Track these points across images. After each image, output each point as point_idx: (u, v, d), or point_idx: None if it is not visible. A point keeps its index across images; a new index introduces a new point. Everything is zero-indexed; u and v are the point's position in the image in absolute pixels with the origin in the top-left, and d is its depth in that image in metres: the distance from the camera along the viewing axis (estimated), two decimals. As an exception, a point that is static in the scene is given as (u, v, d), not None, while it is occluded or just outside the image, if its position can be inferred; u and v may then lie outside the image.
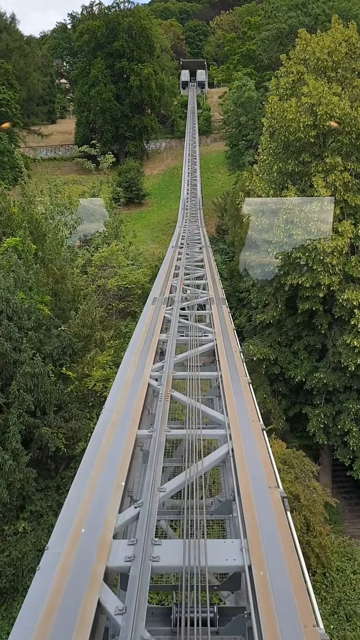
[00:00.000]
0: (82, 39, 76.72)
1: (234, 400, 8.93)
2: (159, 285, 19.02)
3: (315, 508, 23.00)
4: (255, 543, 5.28)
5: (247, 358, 27.60)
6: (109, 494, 6.10)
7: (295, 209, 26.72)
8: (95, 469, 6.66)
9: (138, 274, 30.87)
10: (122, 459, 6.86)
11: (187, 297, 17.83)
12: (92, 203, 34.83)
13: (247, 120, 51.07)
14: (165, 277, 20.32)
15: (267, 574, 4.87)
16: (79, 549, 5.20)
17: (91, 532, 5.41)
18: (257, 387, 28.74)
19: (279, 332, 29.60)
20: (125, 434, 7.57)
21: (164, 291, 18.05)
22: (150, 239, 62.73)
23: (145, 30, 76.80)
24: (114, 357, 24.13)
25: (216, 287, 19.27)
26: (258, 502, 5.94)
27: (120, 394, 9.06)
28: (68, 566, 4.98)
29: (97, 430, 7.90)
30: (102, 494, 6.09)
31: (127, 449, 7.15)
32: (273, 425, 28.98)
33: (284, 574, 4.89)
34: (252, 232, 30.62)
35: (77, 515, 5.69)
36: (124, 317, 30.27)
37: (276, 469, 6.76)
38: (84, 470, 6.77)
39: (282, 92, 29.38)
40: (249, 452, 7.04)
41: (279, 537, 5.39)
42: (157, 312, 15.19)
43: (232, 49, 64.05)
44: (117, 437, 7.46)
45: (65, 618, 4.39)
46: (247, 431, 7.71)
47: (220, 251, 49.89)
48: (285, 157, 28.88)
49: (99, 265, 30.79)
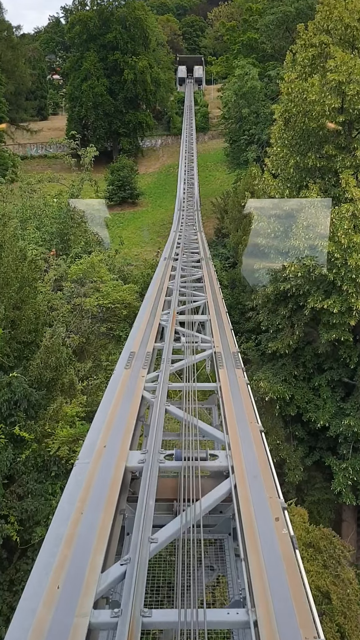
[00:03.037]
0: (74, 30, 69.80)
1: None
2: (140, 328, 12.67)
3: (351, 611, 16.76)
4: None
5: (256, 397, 21.29)
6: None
7: (319, 214, 20.32)
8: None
9: (123, 291, 24.44)
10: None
11: (181, 347, 11.49)
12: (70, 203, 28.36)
13: (249, 113, 44.49)
14: (151, 312, 13.95)
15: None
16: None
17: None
18: (268, 431, 22.38)
19: (295, 363, 23.24)
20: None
21: (146, 338, 11.72)
22: (144, 242, 56.60)
23: (140, 21, 69.92)
24: (87, 407, 17.78)
25: (223, 327, 12.88)
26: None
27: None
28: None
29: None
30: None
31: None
32: (288, 478, 22.70)
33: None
34: (260, 239, 24.15)
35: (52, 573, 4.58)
36: (104, 345, 23.84)
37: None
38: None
39: (299, 69, 22.87)
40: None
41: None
42: (130, 390, 8.84)
43: (232, 38, 57.26)
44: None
45: None
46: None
47: (219, 256, 43.63)
48: (304, 149, 22.46)
49: (75, 279, 24.35)
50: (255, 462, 6.53)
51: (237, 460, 6.50)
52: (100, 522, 5.29)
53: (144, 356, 10.56)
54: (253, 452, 6.83)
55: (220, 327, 12.47)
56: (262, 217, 23.23)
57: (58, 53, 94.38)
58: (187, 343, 11.25)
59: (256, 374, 23.81)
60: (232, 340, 11.55)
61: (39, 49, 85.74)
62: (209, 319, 13.50)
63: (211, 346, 11.18)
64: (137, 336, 11.75)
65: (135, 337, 11.75)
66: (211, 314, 13.90)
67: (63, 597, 4.38)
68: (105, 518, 5.36)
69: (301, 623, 4.19)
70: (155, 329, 12.37)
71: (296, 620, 4.21)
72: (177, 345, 11.99)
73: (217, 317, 13.72)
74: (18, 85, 68.18)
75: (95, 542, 5.01)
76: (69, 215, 27.70)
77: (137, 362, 10.26)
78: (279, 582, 4.59)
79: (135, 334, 12.03)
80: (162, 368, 9.70)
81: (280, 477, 23.04)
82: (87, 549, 4.91)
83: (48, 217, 27.44)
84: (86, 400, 18.16)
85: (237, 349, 11.18)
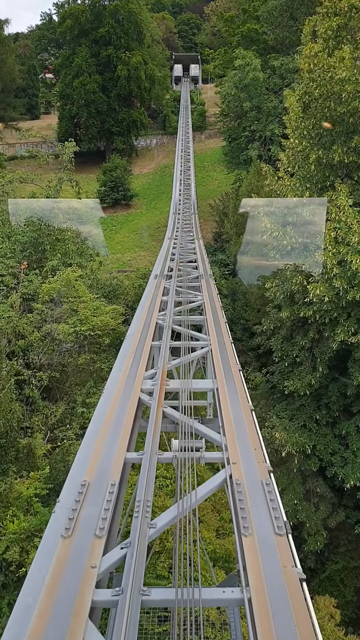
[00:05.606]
0: (65, 24, 64.52)
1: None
2: (115, 391, 7.97)
3: None
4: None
5: (269, 448, 16.39)
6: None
7: (353, 223, 15.37)
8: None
9: (106, 314, 19.45)
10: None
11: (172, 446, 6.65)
12: (46, 206, 23.33)
13: (251, 108, 39.42)
14: (128, 373, 8.98)
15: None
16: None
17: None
18: (284, 488, 17.49)
19: (317, 404, 18.29)
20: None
21: (124, 407, 7.21)
22: (138, 246, 51.64)
23: (134, 15, 64.72)
24: (48, 482, 12.81)
25: (241, 417, 7.90)
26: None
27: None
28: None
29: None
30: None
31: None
32: (307, 546, 17.79)
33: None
34: (272, 252, 19.22)
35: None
36: (82, 382, 18.86)
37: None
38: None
39: (321, 42, 17.87)
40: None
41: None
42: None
43: (230, 30, 52.03)
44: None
45: None
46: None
47: (218, 262, 38.77)
48: (327, 141, 17.47)
49: (48, 300, 19.37)
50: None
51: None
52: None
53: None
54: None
55: (237, 417, 7.43)
56: (275, 224, 18.25)
57: (50, 51, 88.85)
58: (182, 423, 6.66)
59: (268, 415, 18.86)
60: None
61: (31, 46, 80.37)
62: (216, 387, 8.52)
63: (217, 443, 6.86)
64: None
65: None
66: (218, 376, 8.91)
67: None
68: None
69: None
70: (131, 414, 7.43)
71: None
72: (168, 424, 8.14)
73: (228, 381, 8.73)
74: (6, 82, 62.91)
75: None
76: (44, 221, 22.67)
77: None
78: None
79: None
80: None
81: (298, 543, 18.15)
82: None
83: (18, 224, 22.36)
84: (50, 472, 13.19)
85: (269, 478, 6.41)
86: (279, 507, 5.50)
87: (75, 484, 5.86)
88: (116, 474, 6.03)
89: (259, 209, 20.21)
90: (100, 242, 30.73)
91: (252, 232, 23.90)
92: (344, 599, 19.24)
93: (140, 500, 5.46)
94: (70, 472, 6.29)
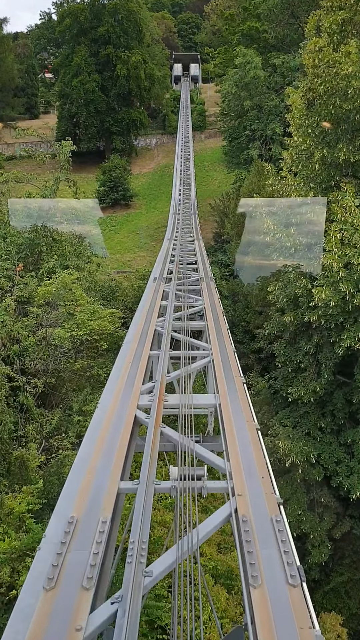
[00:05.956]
0: (64, 23, 63.75)
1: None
2: (109, 408, 7.39)
3: None
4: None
5: (272, 458, 15.72)
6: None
7: (359, 224, 14.69)
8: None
9: (104, 318, 18.76)
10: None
11: (171, 473, 5.93)
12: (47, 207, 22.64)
13: (252, 106, 38.71)
14: (124, 386, 8.32)
15: None
16: None
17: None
18: (287, 498, 16.83)
19: (322, 411, 17.61)
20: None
21: (119, 427, 6.56)
22: (138, 246, 50.97)
23: (133, 14, 63.98)
24: (42, 496, 12.14)
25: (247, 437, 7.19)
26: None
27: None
28: None
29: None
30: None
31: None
32: (312, 558, 17.13)
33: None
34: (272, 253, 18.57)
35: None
36: (79, 387, 18.19)
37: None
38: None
39: (325, 37, 17.17)
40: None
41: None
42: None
43: (230, 28, 51.32)
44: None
45: None
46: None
47: (219, 263, 38.07)
48: (332, 139, 16.79)
49: (43, 303, 18.70)
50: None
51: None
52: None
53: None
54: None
55: (242, 439, 6.75)
56: (277, 225, 17.56)
57: (50, 50, 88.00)
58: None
59: (271, 423, 18.19)
60: (271, 484, 5.89)
61: (30, 46, 79.56)
62: (218, 402, 7.84)
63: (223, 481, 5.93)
64: (89, 464, 6.10)
65: (86, 467, 6.10)
66: (220, 390, 8.22)
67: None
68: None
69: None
70: (126, 436, 6.75)
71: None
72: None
73: (231, 396, 8.05)
74: (5, 81, 62.18)
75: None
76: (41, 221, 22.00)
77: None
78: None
79: (90, 453, 6.39)
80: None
81: (302, 555, 17.49)
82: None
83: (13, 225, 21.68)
84: (44, 486, 12.52)
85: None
86: (291, 549, 4.83)
87: (62, 521, 5.18)
88: (108, 508, 5.35)
89: (260, 209, 19.51)
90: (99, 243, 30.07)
91: (254, 233, 23.23)
92: (349, 612, 18.58)
93: (135, 542, 4.79)
94: (58, 505, 5.63)
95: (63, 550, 4.74)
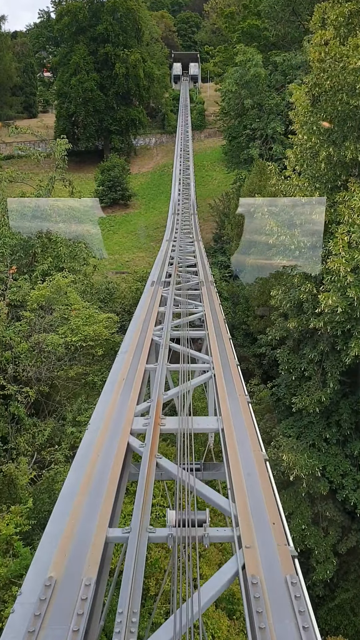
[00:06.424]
0: (62, 21, 62.72)
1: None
2: (99, 433, 6.64)
3: None
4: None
5: (276, 470, 14.89)
6: None
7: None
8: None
9: (100, 323, 17.91)
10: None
11: (167, 518, 5.08)
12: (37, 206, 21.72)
13: (252, 105, 37.81)
14: (119, 391, 7.54)
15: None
16: None
17: None
18: (291, 512, 16.00)
19: (327, 422, 16.76)
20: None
21: (109, 458, 5.79)
22: (137, 247, 50.06)
23: (132, 12, 62.97)
24: (31, 516, 11.28)
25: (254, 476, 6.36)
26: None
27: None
28: None
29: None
30: None
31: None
32: (316, 575, 16.30)
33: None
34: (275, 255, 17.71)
35: None
36: (74, 395, 17.34)
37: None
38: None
39: (331, 31, 16.31)
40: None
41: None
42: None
43: (230, 26, 50.34)
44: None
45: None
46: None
47: (218, 264, 37.23)
48: (339, 137, 15.94)
49: (36, 307, 17.84)
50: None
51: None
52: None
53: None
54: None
55: (249, 473, 5.89)
56: (281, 227, 16.70)
57: (49, 49, 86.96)
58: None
59: (273, 432, 17.33)
60: (283, 531, 5.04)
61: (29, 44, 78.57)
62: (221, 427, 6.99)
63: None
64: (73, 508, 5.25)
65: (69, 509, 5.25)
66: (223, 412, 7.36)
67: None
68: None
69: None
70: (117, 469, 5.90)
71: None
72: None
73: (236, 419, 7.20)
74: (3, 80, 61.23)
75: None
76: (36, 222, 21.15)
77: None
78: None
79: (76, 490, 5.54)
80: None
81: (305, 571, 16.67)
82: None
83: (7, 225, 20.80)
84: (34, 504, 11.67)
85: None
86: (312, 624, 3.98)
87: (39, 582, 4.34)
88: (93, 566, 4.49)
89: (262, 210, 18.63)
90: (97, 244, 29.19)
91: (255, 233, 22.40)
92: (354, 629, 17.78)
93: (123, 612, 3.96)
94: (36, 558, 4.78)
95: (36, 626, 3.89)
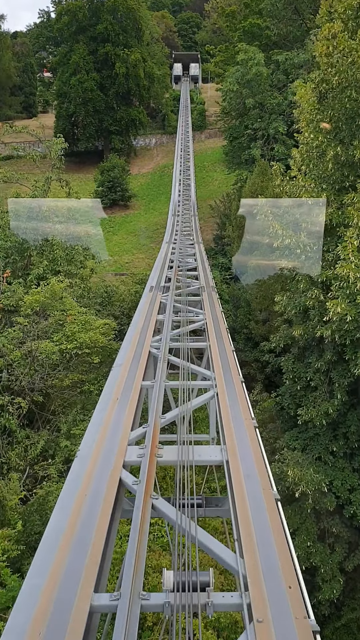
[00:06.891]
0: (62, 21, 61.96)
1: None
2: (88, 467, 5.75)
3: None
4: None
5: (280, 486, 14.08)
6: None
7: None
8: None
9: (96, 329, 17.10)
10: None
11: (164, 580, 4.26)
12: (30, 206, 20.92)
13: (254, 105, 37.00)
14: (111, 414, 6.74)
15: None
16: None
17: None
18: (296, 529, 15.18)
19: (334, 434, 15.94)
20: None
21: (97, 500, 4.89)
22: (136, 248, 49.25)
23: (132, 12, 62.18)
24: (20, 540, 10.46)
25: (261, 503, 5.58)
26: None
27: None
28: None
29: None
30: None
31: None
32: (322, 594, 15.47)
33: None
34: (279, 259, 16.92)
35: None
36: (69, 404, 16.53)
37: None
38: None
39: (339, 24, 15.47)
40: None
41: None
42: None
43: (231, 25, 49.58)
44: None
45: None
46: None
47: (219, 266, 36.47)
48: (347, 135, 15.11)
49: (30, 313, 17.03)
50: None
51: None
52: None
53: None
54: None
55: (258, 520, 5.08)
56: (285, 229, 15.89)
57: (49, 49, 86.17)
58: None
59: (277, 444, 16.51)
60: (301, 600, 4.23)
61: (28, 44, 77.78)
62: (226, 459, 6.17)
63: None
64: (51, 568, 4.43)
65: (48, 568, 4.44)
66: (228, 441, 6.54)
67: None
68: None
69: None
70: (106, 513, 5.09)
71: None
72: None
73: (242, 449, 6.38)
74: (2, 79, 60.43)
75: None
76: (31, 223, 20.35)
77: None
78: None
79: (57, 543, 4.73)
80: None
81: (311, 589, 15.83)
82: None
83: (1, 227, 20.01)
84: (24, 527, 10.85)
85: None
86: None
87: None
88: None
89: (265, 211, 17.83)
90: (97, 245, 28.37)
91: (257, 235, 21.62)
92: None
93: None
94: (8, 628, 3.98)
95: None
